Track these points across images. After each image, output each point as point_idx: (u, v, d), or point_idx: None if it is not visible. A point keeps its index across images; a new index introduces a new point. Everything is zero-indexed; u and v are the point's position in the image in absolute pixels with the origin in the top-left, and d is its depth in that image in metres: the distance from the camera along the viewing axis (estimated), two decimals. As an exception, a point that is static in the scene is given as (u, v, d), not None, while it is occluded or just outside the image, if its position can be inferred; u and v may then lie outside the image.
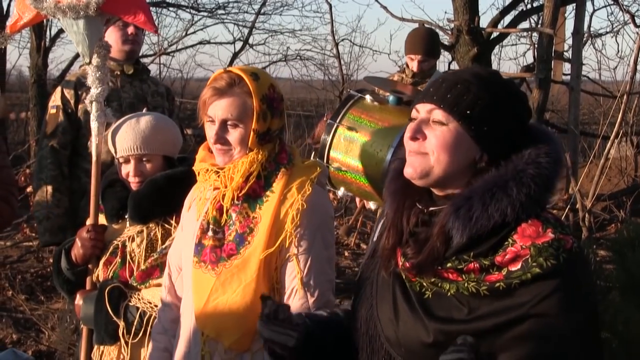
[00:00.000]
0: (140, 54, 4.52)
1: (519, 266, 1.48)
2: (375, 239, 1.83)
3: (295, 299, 2.04)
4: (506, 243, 1.51)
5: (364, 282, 1.77)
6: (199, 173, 2.17)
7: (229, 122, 2.08)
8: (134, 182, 2.53)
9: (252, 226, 2.08)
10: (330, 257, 2.13)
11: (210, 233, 2.12)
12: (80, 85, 3.86)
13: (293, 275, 2.05)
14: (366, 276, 1.77)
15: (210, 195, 2.16)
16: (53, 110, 3.90)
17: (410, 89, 3.73)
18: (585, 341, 1.51)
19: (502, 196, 1.50)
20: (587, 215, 6.26)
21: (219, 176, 2.09)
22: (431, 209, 1.60)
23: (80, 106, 3.86)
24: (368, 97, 3.16)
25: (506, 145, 1.56)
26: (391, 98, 3.19)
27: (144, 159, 2.52)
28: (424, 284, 1.58)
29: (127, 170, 2.53)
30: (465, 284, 1.52)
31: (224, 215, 2.11)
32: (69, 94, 3.85)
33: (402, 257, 1.61)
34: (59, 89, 3.94)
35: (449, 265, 1.54)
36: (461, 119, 1.54)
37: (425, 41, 4.44)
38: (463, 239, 1.50)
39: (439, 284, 1.56)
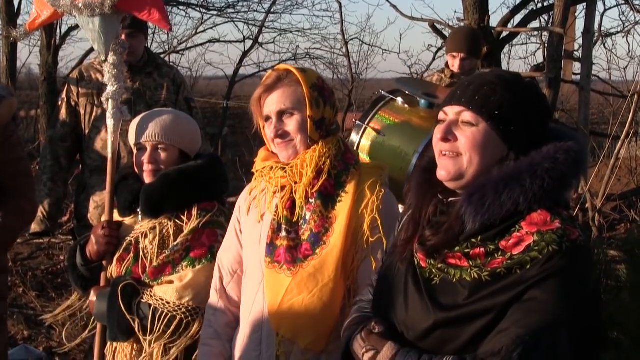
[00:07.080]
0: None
1: (521, 250, 1.52)
2: (397, 234, 1.86)
3: None
4: (513, 229, 1.56)
5: (386, 275, 1.80)
6: (261, 173, 2.15)
7: (284, 113, 2.09)
8: (147, 170, 2.54)
9: (327, 226, 2.05)
10: None
11: (283, 233, 2.08)
12: (81, 79, 3.95)
13: (369, 276, 1.99)
14: (389, 269, 1.80)
15: (274, 196, 2.12)
16: (59, 103, 4.03)
17: (446, 93, 3.66)
18: (557, 336, 1.50)
19: (515, 186, 1.54)
20: (597, 215, 6.26)
21: (285, 172, 2.08)
22: (450, 199, 1.65)
23: (80, 100, 3.94)
24: (399, 100, 3.12)
25: (530, 143, 1.61)
26: (422, 102, 3.15)
27: (160, 147, 2.54)
28: (433, 270, 1.63)
29: (142, 158, 2.55)
30: (469, 270, 1.56)
31: (297, 213, 2.08)
32: (74, 89, 3.95)
33: (418, 243, 1.66)
34: (67, 84, 4.07)
35: (457, 249, 1.59)
36: (490, 119, 1.60)
37: (468, 39, 4.34)
38: (475, 225, 1.56)
39: (446, 270, 1.60)
